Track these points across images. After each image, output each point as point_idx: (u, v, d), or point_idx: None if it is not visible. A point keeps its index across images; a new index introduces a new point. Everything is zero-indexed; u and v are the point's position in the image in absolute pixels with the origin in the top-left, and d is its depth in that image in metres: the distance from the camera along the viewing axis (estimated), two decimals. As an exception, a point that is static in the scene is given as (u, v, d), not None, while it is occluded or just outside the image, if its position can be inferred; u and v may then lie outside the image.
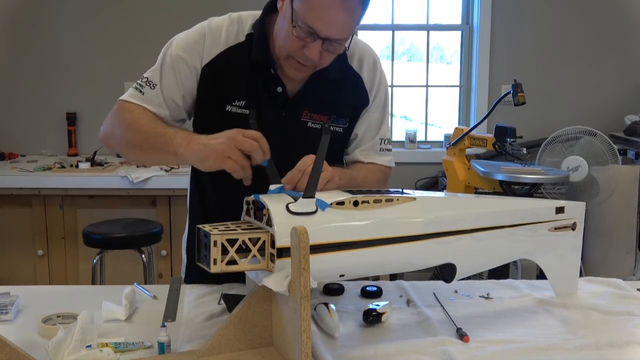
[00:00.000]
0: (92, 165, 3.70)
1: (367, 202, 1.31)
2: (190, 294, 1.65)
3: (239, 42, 1.61)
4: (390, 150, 1.78)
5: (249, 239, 1.22)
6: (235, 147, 1.35)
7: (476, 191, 3.46)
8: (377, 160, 1.74)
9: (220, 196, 1.73)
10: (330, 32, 1.46)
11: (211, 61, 1.60)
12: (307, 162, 1.37)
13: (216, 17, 1.64)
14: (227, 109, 1.61)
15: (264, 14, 1.62)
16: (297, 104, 1.63)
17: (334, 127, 1.65)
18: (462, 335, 1.40)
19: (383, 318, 1.48)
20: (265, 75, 1.61)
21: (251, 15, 1.64)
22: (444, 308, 1.57)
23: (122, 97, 1.63)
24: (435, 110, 4.65)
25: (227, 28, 1.62)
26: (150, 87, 1.61)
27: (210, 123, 1.58)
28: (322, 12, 1.43)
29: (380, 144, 1.74)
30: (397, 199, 1.35)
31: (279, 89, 1.61)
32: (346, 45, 1.51)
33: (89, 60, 4.20)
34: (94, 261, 3.14)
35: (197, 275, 1.64)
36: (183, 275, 1.87)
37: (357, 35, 4.58)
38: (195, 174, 1.79)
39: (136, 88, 1.62)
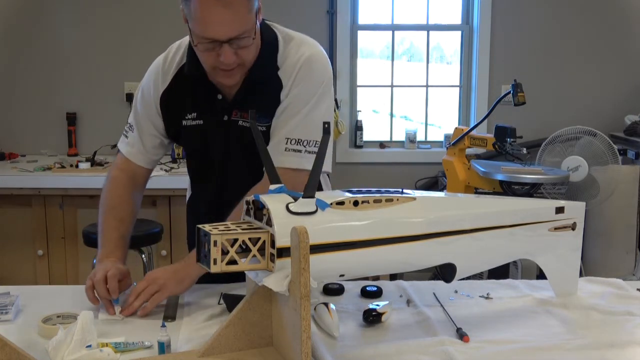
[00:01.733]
0: (92, 165, 3.69)
1: (367, 202, 1.31)
2: (190, 294, 1.65)
3: (184, 62, 1.69)
4: (301, 151, 1.59)
5: (249, 238, 1.22)
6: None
7: (476, 191, 3.46)
8: (279, 162, 1.51)
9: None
10: (224, 32, 1.46)
11: (166, 87, 1.71)
12: (139, 287, 1.54)
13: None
14: (183, 123, 1.71)
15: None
16: (232, 107, 1.68)
17: (260, 126, 1.60)
18: (462, 335, 1.40)
19: (383, 318, 1.48)
20: (206, 86, 1.66)
21: None
22: (444, 308, 1.57)
23: (118, 144, 1.83)
24: (435, 110, 4.64)
25: (173, 55, 1.73)
26: (132, 131, 1.78)
27: (176, 134, 1.75)
28: (206, 19, 1.45)
29: (286, 143, 1.59)
30: (397, 199, 1.35)
31: (219, 96, 1.67)
32: (252, 36, 1.50)
33: (89, 60, 4.19)
34: (94, 261, 3.12)
35: (204, 276, 1.63)
36: None
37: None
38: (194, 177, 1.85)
39: (124, 133, 1.81)
